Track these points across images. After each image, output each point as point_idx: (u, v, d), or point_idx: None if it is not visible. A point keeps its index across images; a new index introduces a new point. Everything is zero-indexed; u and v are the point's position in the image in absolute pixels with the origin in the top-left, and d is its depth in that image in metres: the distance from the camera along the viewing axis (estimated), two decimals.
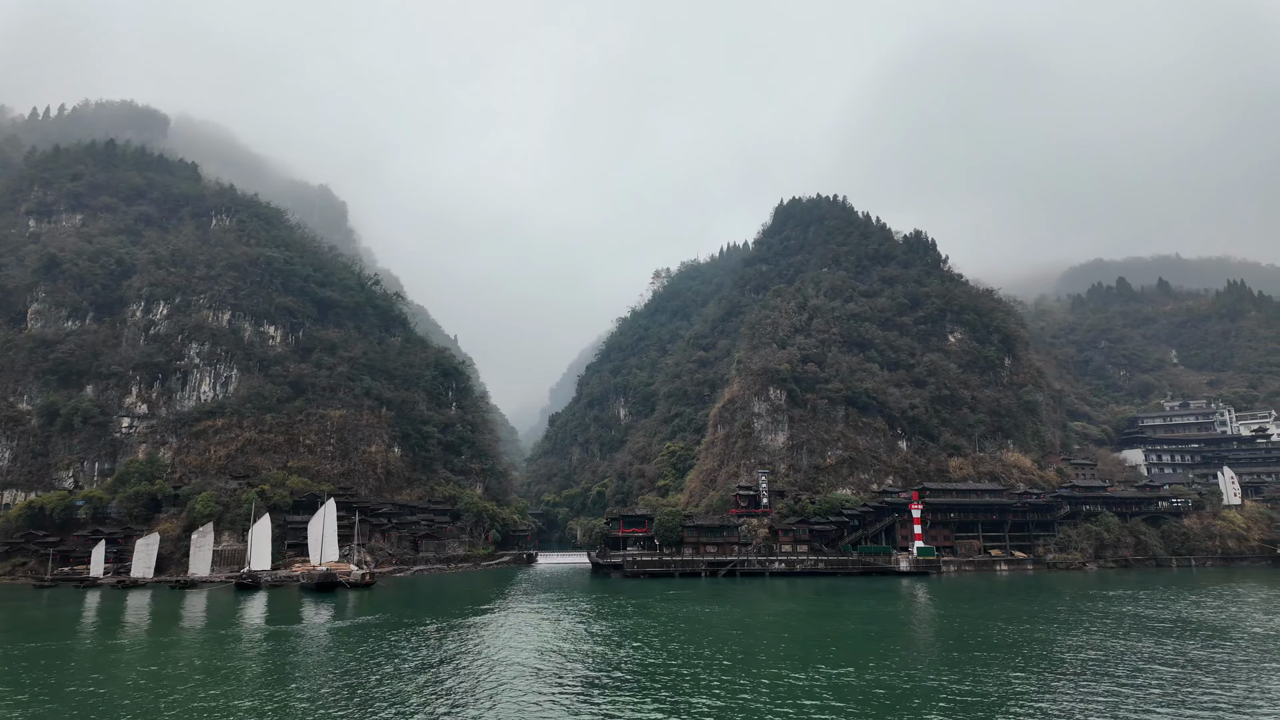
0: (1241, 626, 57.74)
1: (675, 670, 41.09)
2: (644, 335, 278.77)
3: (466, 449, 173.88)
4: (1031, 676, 38.95)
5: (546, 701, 34.16)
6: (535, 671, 41.02)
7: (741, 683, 37.66)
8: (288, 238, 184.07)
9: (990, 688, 35.96)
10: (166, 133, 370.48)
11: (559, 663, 43.66)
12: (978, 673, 39.61)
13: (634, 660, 44.18)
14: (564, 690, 36.58)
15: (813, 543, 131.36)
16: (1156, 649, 47.47)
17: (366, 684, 37.71)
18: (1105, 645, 49.08)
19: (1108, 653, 46.17)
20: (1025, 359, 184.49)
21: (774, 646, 49.36)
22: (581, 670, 41.44)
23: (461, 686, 37.39)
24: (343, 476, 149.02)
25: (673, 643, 50.63)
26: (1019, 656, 44.73)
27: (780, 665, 42.36)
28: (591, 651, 47.23)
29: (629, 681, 38.20)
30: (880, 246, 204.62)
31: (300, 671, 41.67)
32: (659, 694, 35.44)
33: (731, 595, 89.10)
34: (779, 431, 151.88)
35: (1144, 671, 40.44)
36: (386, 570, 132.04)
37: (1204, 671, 40.35)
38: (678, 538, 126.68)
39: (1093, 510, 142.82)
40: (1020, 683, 37.35)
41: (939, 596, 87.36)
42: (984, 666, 41.50)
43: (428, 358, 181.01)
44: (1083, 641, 50.36)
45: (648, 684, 37.60)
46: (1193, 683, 37.57)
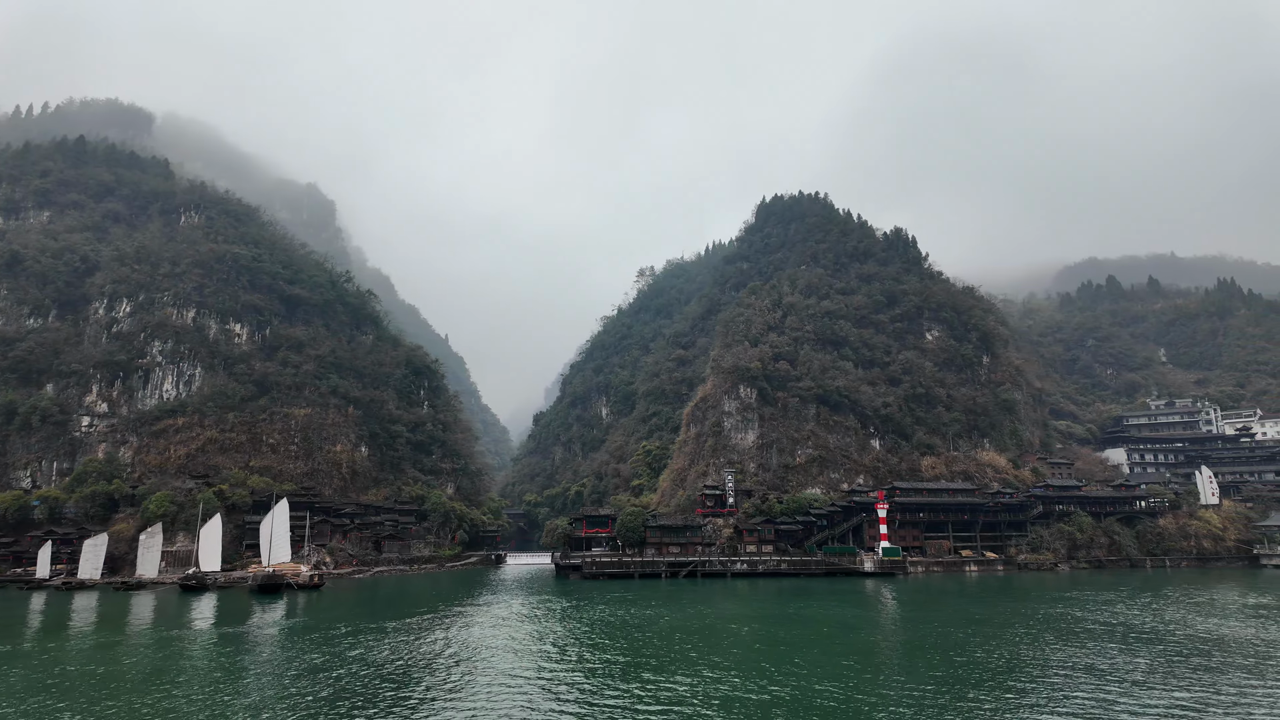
0: (1166, 630, 55.64)
1: (573, 681, 39.00)
2: (627, 334, 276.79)
3: (437, 448, 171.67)
4: (948, 690, 36.83)
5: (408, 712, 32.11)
6: (413, 683, 38.94)
7: (637, 693, 35.60)
8: (257, 235, 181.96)
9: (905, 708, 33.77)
10: (151, 131, 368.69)
11: (447, 673, 41.56)
12: (906, 690, 37.48)
13: (538, 669, 42.10)
14: (426, 703, 34.51)
15: (778, 543, 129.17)
16: (1076, 657, 45.39)
17: (242, 692, 35.93)
18: (1025, 654, 47.00)
19: (1034, 662, 44.10)
20: (1004, 357, 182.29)
21: (699, 653, 47.20)
22: (466, 679, 39.36)
23: (328, 696, 35.35)
24: (306, 476, 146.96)
25: (592, 649, 48.58)
26: (951, 668, 42.61)
27: (687, 675, 40.24)
28: (487, 662, 45.11)
29: (512, 691, 36.16)
30: (859, 244, 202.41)
31: (186, 677, 39.77)
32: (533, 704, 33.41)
33: (684, 597, 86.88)
34: (749, 430, 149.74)
35: (1057, 683, 38.34)
36: (346, 571, 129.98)
37: (1122, 681, 38.26)
38: (640, 538, 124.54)
39: (1065, 510, 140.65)
40: (933, 697, 35.20)
41: (897, 600, 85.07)
42: (914, 680, 39.41)
43: (399, 356, 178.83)
44: (1012, 653, 48.27)
45: (532, 693, 35.57)
46: (1100, 692, 35.50)
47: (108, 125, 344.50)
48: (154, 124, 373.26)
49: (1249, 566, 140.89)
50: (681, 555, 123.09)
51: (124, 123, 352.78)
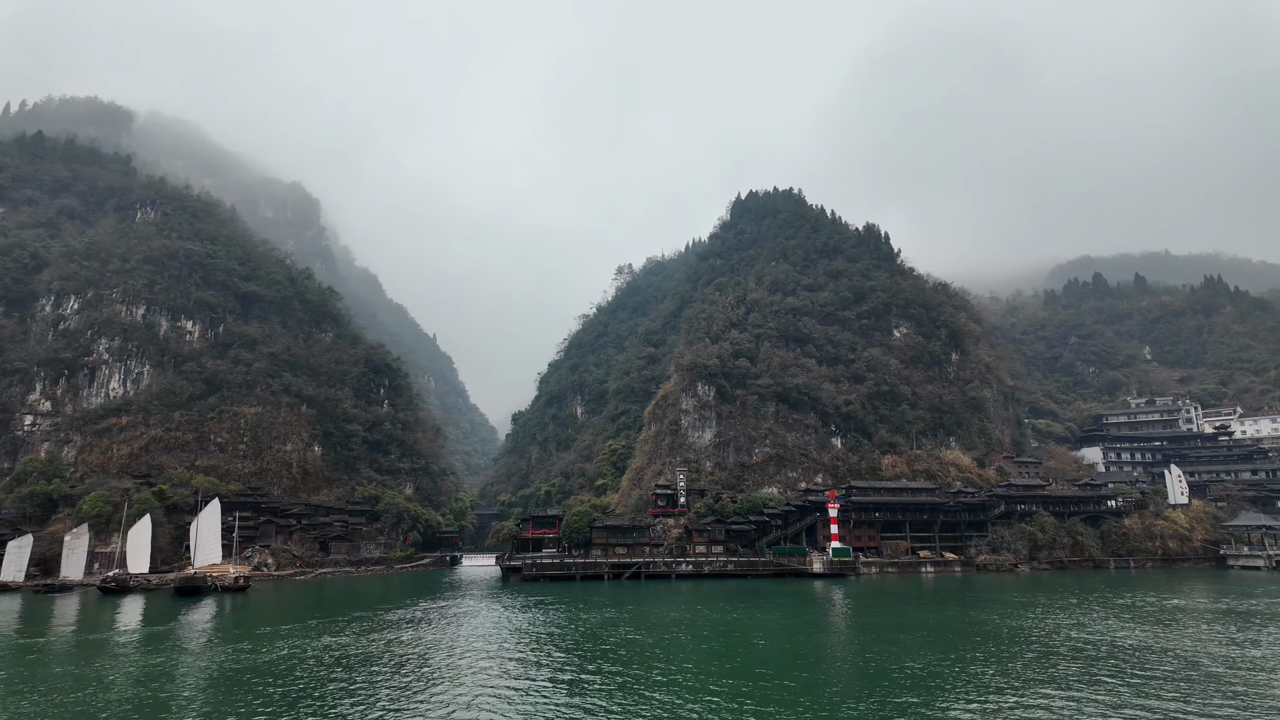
0: (1061, 637, 52.62)
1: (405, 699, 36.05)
2: (604, 333, 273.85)
3: (396, 448, 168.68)
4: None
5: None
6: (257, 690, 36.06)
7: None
8: (214, 231, 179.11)
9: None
10: (131, 129, 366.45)
11: (309, 681, 38.64)
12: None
13: (379, 683, 39.17)
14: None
15: (729, 543, 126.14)
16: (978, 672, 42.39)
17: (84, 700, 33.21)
18: (898, 664, 44.01)
19: (903, 674, 41.11)
20: (975, 354, 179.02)
21: (582, 664, 44.20)
22: (315, 686, 36.44)
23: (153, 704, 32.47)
24: (254, 476, 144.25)
25: (464, 658, 45.64)
26: (839, 683, 39.63)
27: (545, 695, 37.26)
28: (344, 675, 42.18)
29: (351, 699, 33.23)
30: (829, 240, 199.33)
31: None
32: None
33: (617, 600, 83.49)
34: (706, 428, 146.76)
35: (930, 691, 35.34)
36: (288, 573, 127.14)
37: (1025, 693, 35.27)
38: (586, 539, 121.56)
39: (1028, 510, 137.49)
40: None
41: (837, 604, 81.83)
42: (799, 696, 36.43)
43: (357, 354, 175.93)
44: (884, 664, 45.29)
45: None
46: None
47: (86, 123, 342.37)
48: (134, 122, 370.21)
49: (1216, 567, 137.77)
50: (628, 556, 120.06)
51: (103, 121, 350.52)
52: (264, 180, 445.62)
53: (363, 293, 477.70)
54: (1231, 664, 42.33)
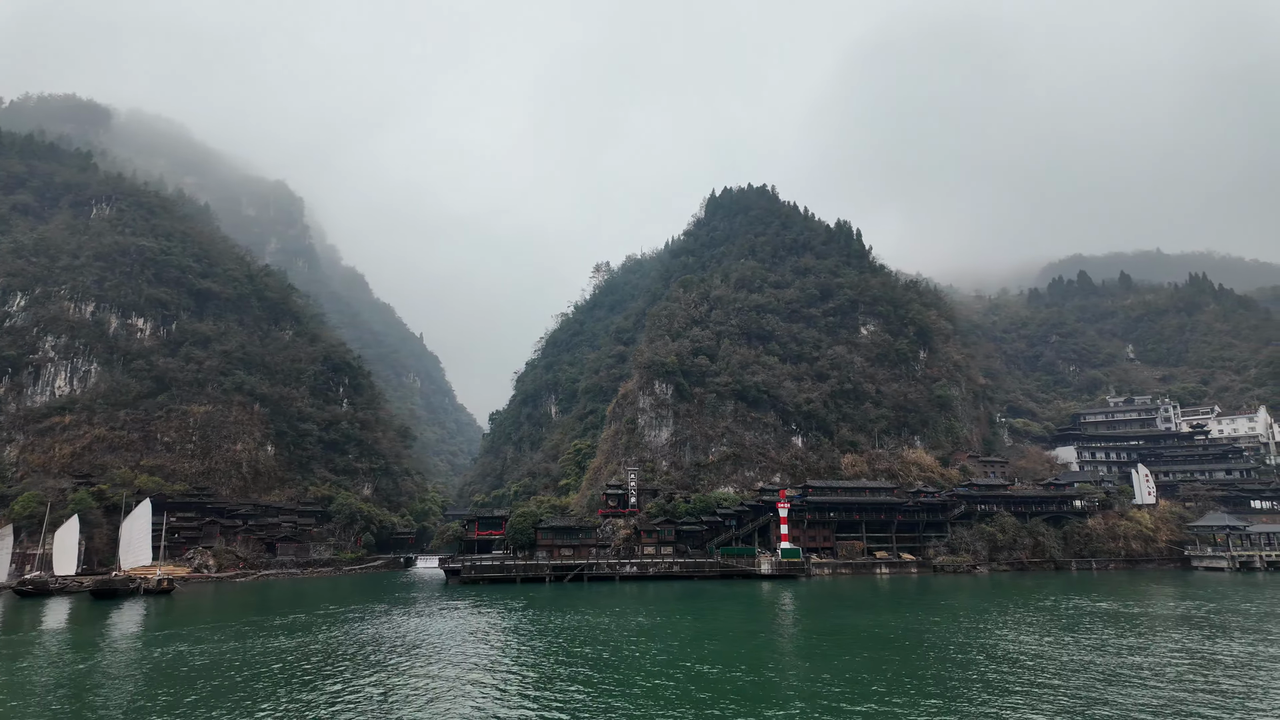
0: (964, 645, 49.93)
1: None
2: (580, 331, 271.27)
3: (353, 448, 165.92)
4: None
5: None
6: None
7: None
8: (170, 227, 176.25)
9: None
10: (109, 126, 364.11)
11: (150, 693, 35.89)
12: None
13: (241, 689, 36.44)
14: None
15: (679, 544, 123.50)
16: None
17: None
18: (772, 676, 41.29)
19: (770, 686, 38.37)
20: (944, 353, 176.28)
21: (456, 678, 41.46)
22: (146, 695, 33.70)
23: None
24: (201, 476, 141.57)
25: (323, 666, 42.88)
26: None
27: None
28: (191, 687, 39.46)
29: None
30: (799, 236, 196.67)
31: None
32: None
33: (549, 603, 80.00)
34: (663, 427, 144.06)
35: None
36: (229, 575, 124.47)
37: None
38: (531, 540, 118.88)
39: (988, 510, 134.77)
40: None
41: (773, 606, 78.81)
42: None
43: (315, 352, 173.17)
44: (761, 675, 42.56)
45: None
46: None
47: (64, 121, 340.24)
48: (111, 120, 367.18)
49: (1181, 569, 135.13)
50: (575, 558, 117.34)
51: (81, 118, 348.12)
52: (247, 179, 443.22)
53: (348, 292, 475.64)
54: (1111, 673, 39.66)
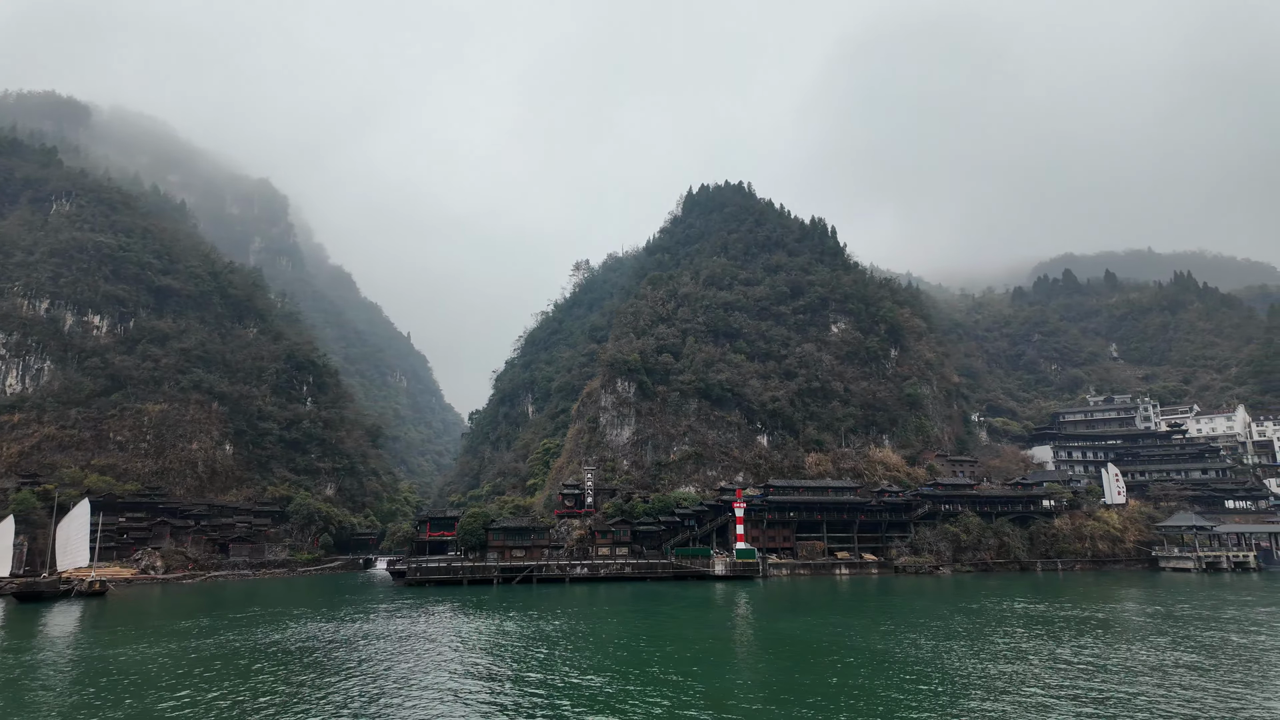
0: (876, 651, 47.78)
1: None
2: (558, 329, 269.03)
3: (315, 447, 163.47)
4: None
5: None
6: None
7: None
8: (131, 223, 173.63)
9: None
10: (88, 123, 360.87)
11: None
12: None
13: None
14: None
15: (635, 545, 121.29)
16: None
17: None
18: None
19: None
20: (915, 351, 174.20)
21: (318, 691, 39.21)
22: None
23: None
24: (155, 475, 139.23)
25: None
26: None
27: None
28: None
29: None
30: (771, 233, 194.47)
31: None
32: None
33: (484, 607, 77.52)
34: (625, 426, 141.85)
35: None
36: (176, 576, 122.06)
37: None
38: (482, 541, 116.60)
39: (953, 510, 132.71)
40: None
41: (719, 609, 76.39)
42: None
43: (278, 350, 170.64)
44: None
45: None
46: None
47: (43, 118, 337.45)
48: (91, 117, 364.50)
49: (1148, 569, 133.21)
50: (526, 559, 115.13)
51: (59, 115, 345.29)
52: (232, 176, 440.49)
53: (333, 291, 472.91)
54: (988, 681, 37.53)
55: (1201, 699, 33.70)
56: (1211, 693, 34.88)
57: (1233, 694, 34.68)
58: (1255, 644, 49.72)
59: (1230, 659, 43.91)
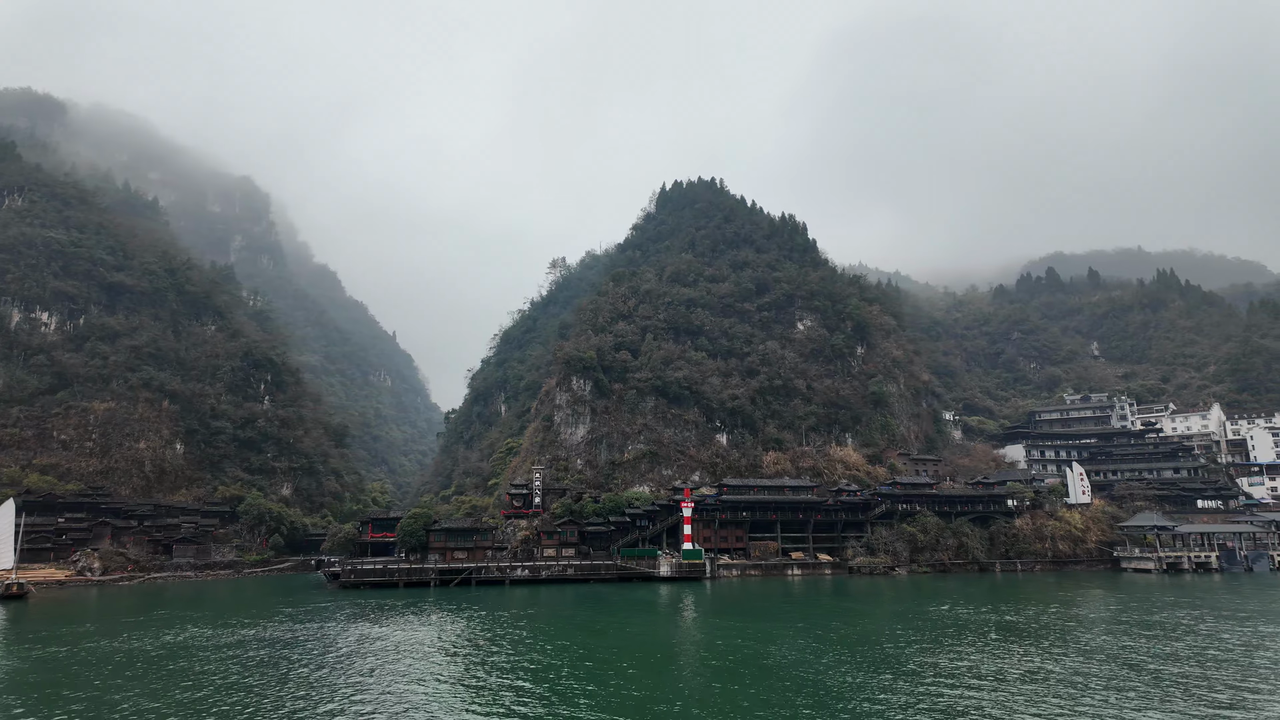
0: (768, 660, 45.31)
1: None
2: (532, 328, 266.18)
3: (271, 446, 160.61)
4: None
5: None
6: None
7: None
8: (84, 219, 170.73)
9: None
10: (64, 120, 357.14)
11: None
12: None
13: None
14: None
15: (582, 546, 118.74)
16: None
17: None
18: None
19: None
20: (882, 348, 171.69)
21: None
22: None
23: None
24: (100, 475, 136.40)
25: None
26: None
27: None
28: None
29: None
30: (740, 230, 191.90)
31: None
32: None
33: (400, 613, 75.00)
34: (579, 424, 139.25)
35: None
36: (114, 578, 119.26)
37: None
38: (423, 542, 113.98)
39: (910, 510, 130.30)
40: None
41: (648, 614, 73.80)
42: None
43: (235, 348, 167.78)
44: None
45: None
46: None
47: (17, 114, 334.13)
48: (67, 114, 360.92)
49: (1111, 569, 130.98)
50: (468, 560, 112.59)
51: (33, 112, 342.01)
52: (213, 174, 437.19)
53: (316, 289, 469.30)
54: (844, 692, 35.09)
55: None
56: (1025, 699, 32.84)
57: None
58: (1124, 649, 47.51)
59: (1082, 669, 41.66)
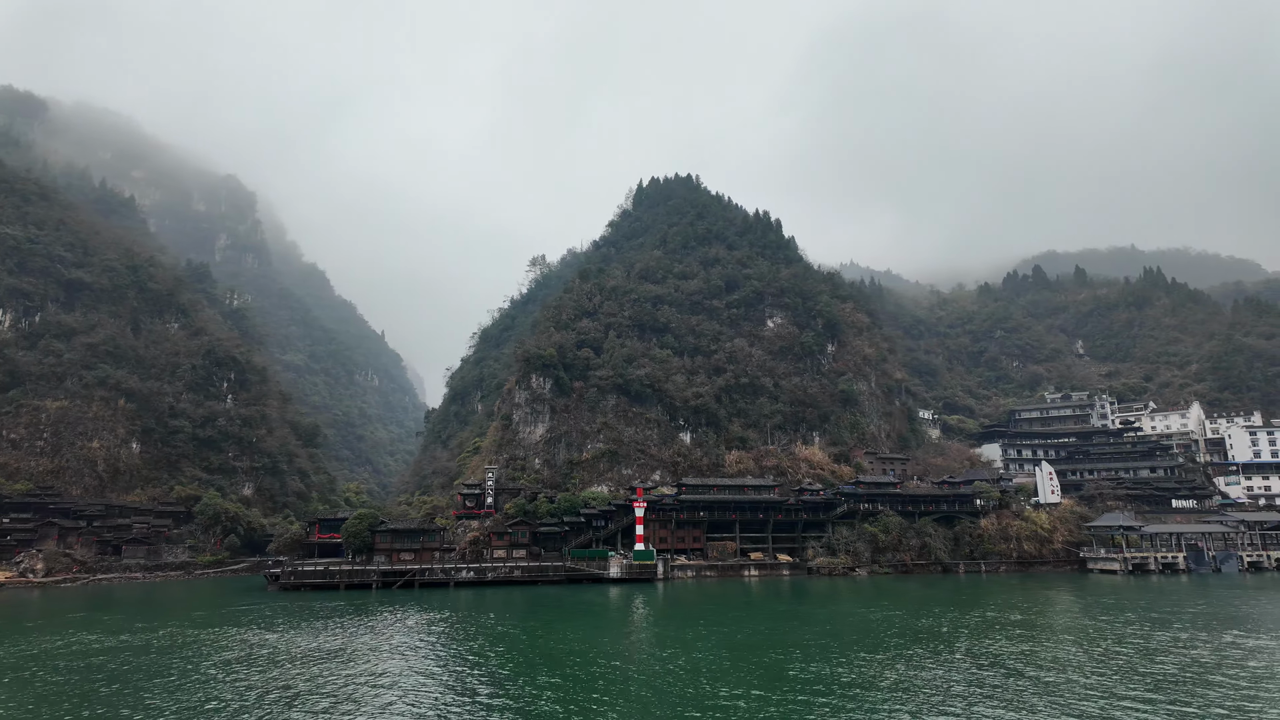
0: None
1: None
2: (510, 326, 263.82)
3: (233, 446, 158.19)
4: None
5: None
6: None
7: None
8: (43, 215, 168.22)
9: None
10: (45, 117, 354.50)
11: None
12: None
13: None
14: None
15: (534, 547, 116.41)
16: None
17: None
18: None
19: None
20: (854, 346, 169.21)
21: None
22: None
23: None
24: (50, 475, 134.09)
25: None
26: None
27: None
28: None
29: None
30: (712, 226, 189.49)
31: None
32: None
33: (328, 619, 72.70)
34: (538, 423, 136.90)
35: None
36: (57, 579, 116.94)
37: None
38: (368, 544, 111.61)
39: (872, 510, 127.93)
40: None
41: (589, 620, 71.22)
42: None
43: (196, 346, 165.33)
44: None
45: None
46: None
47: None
48: (48, 111, 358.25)
49: (1078, 571, 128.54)
50: (415, 562, 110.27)
51: (13, 110, 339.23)
52: (198, 172, 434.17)
53: (304, 289, 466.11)
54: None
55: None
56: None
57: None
58: (1007, 655, 45.20)
59: (945, 677, 39.48)
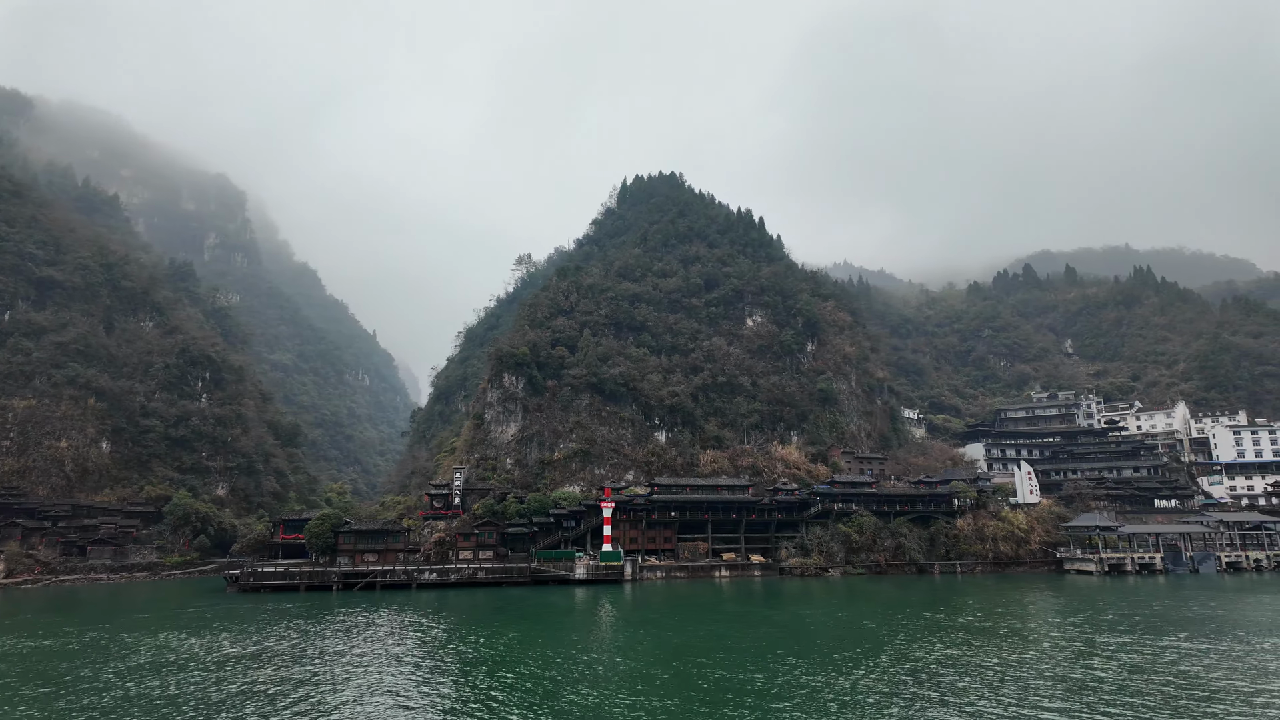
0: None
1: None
2: (495, 325, 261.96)
3: (206, 445, 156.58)
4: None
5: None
6: None
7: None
8: (14, 213, 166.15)
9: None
10: (30, 116, 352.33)
11: None
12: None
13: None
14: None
15: (501, 548, 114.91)
16: None
17: None
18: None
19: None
20: (834, 345, 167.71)
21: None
22: None
23: None
24: (15, 474, 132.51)
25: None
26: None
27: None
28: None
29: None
30: (694, 224, 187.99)
31: None
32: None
33: (272, 623, 71.24)
34: (510, 422, 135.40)
35: None
36: (16, 581, 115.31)
37: None
38: (331, 545, 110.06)
39: (847, 510, 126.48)
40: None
41: (542, 623, 69.40)
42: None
43: (169, 345, 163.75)
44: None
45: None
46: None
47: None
48: (34, 109, 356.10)
49: (1055, 571, 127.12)
50: (380, 563, 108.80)
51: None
52: (187, 171, 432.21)
53: (294, 288, 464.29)
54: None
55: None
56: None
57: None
58: (939, 659, 43.75)
59: (862, 680, 38.00)
